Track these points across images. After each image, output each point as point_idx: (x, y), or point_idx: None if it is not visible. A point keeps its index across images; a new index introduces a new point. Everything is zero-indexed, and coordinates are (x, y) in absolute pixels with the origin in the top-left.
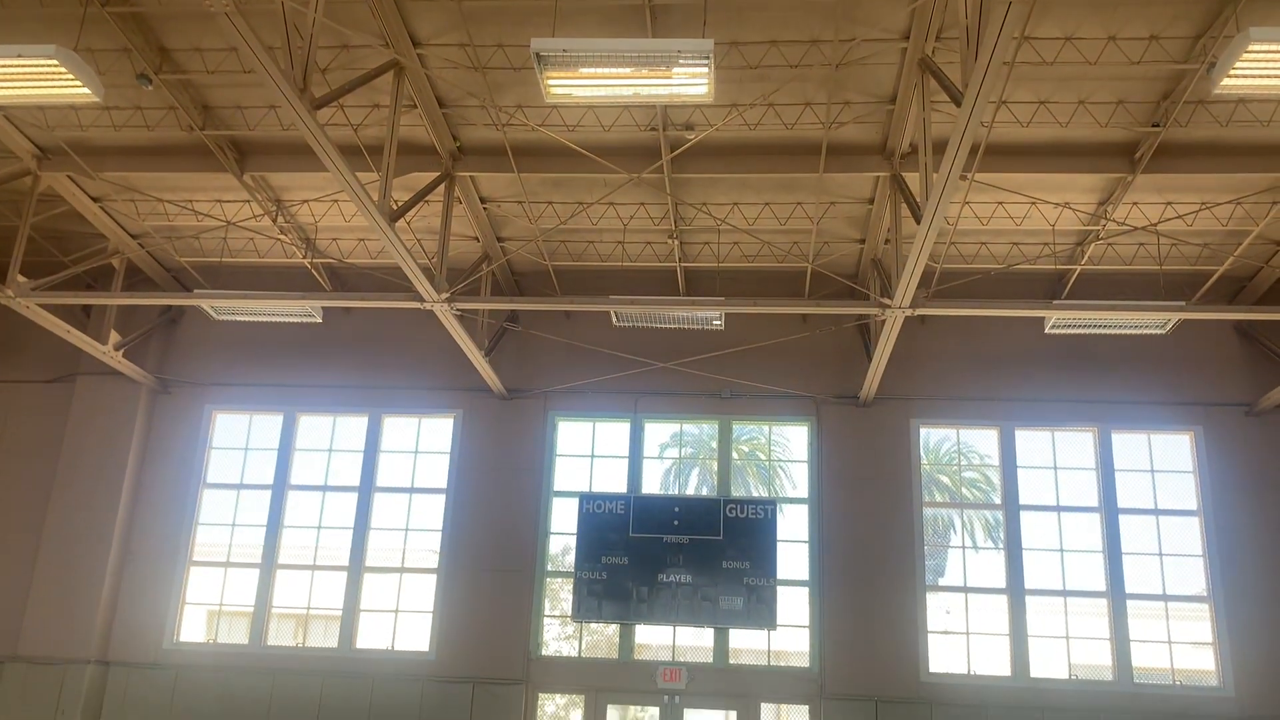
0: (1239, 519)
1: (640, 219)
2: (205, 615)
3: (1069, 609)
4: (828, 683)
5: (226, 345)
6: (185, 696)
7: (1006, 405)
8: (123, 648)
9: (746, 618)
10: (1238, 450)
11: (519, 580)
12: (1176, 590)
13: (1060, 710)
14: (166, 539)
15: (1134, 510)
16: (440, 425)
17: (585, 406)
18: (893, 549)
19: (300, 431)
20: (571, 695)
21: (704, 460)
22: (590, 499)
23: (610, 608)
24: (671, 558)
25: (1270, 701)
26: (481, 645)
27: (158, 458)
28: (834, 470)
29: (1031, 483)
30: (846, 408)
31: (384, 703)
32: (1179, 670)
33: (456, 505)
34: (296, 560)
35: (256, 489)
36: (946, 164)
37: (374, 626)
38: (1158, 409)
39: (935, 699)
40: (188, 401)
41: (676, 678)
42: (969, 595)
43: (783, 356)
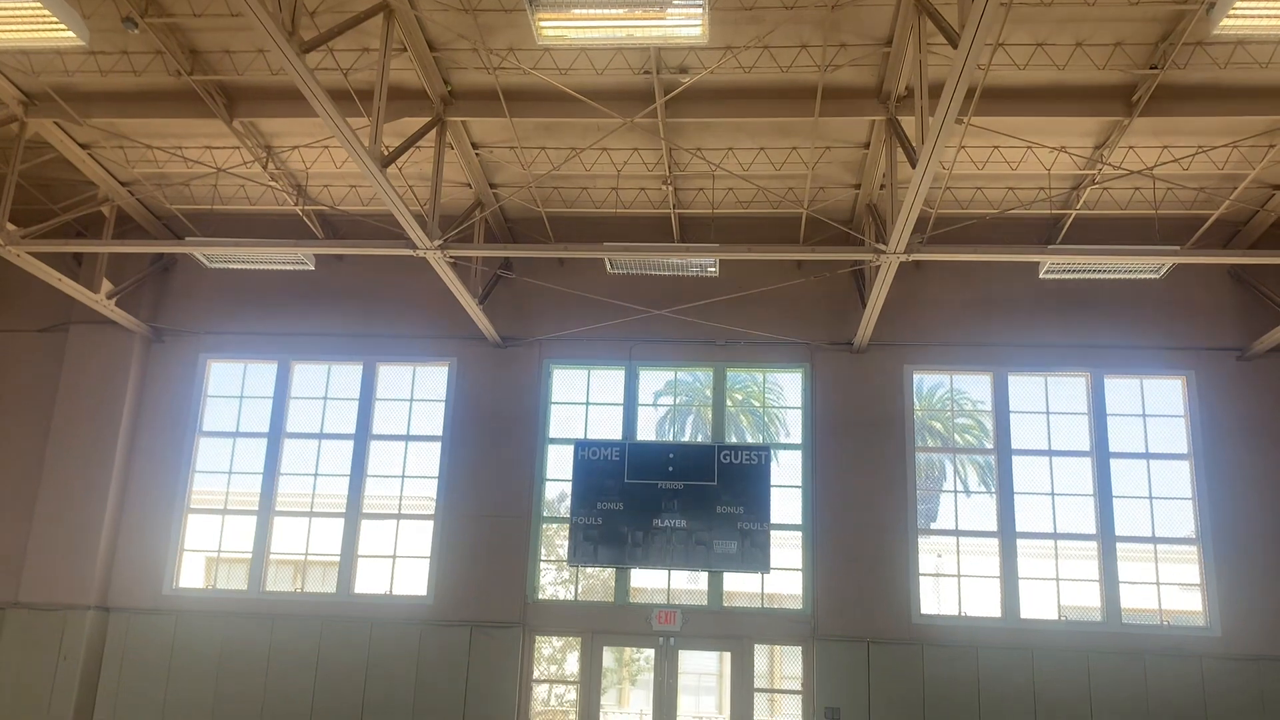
0: (1229, 463)
1: (634, 164)
2: (204, 562)
3: (1059, 552)
4: (820, 624)
5: (220, 293)
6: (186, 641)
7: (1000, 350)
8: (123, 594)
9: (740, 562)
10: (1229, 395)
11: (515, 526)
12: (1166, 533)
13: (1049, 650)
14: (164, 487)
15: (1125, 454)
16: (435, 373)
17: (580, 354)
18: (885, 493)
19: (295, 380)
20: (568, 638)
21: (698, 407)
22: (585, 446)
23: (606, 552)
24: (666, 503)
25: (1255, 640)
26: (479, 590)
27: (153, 406)
28: (828, 416)
29: (1024, 427)
30: (840, 354)
31: (383, 646)
32: (1167, 611)
33: (452, 452)
34: (294, 507)
35: (252, 437)
36: (942, 107)
37: (372, 572)
38: (1150, 354)
39: (926, 640)
40: (182, 350)
41: (671, 620)
42: (960, 538)
43: (777, 303)
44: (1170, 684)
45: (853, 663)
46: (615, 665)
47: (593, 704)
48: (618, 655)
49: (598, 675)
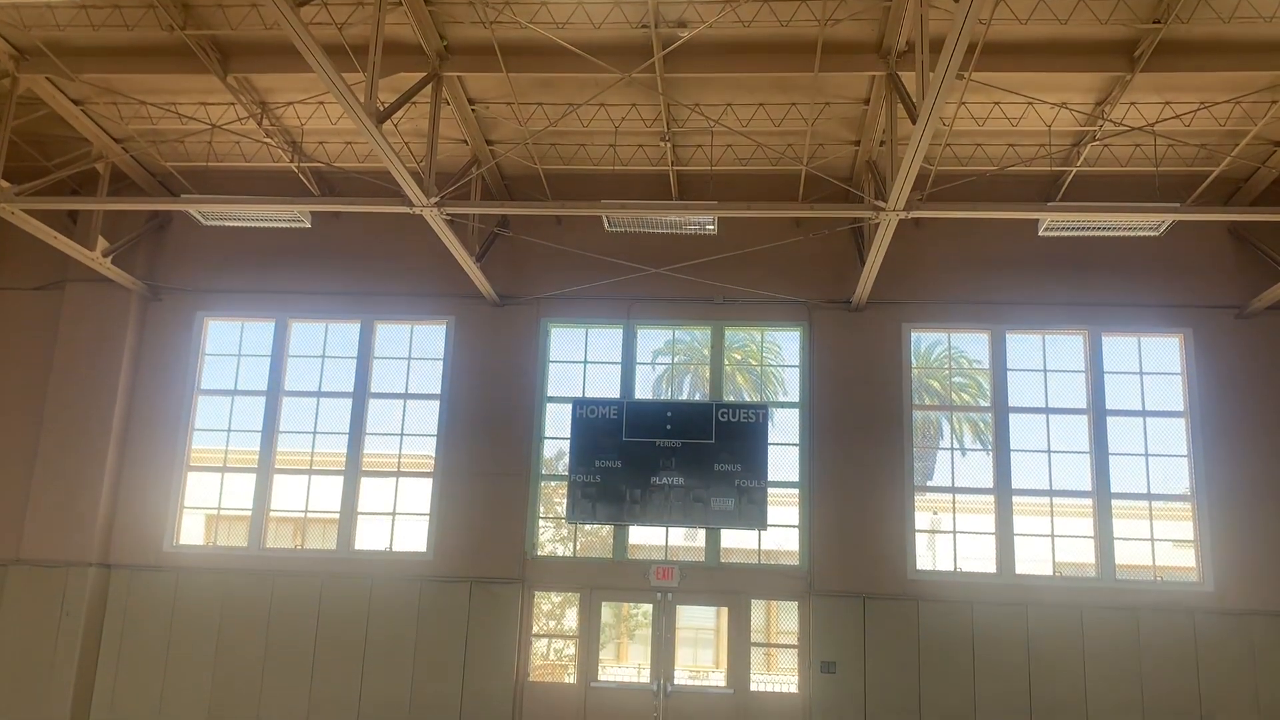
0: (1225, 420)
1: (632, 121)
2: (204, 519)
3: (1055, 509)
4: (816, 580)
5: (216, 251)
6: (187, 597)
7: (998, 309)
8: (124, 551)
9: (738, 518)
10: (1227, 352)
11: (514, 484)
12: (1161, 490)
13: (1043, 605)
14: (163, 445)
15: (1122, 412)
16: (433, 332)
17: (578, 313)
18: (882, 451)
19: (293, 338)
20: (567, 593)
21: (696, 366)
22: (584, 404)
23: (604, 509)
24: (664, 461)
25: (1247, 595)
26: (478, 546)
27: (151, 364)
28: (825, 374)
29: (1021, 385)
30: (839, 312)
31: (383, 600)
32: (1160, 567)
33: (451, 411)
34: (293, 465)
35: (251, 395)
36: (943, 62)
37: (372, 529)
38: (1148, 311)
39: (921, 595)
40: (179, 308)
41: (669, 576)
42: (956, 495)
43: (776, 262)
44: (1162, 638)
45: (848, 618)
46: (614, 620)
47: (591, 658)
48: (616, 610)
49: (596, 630)
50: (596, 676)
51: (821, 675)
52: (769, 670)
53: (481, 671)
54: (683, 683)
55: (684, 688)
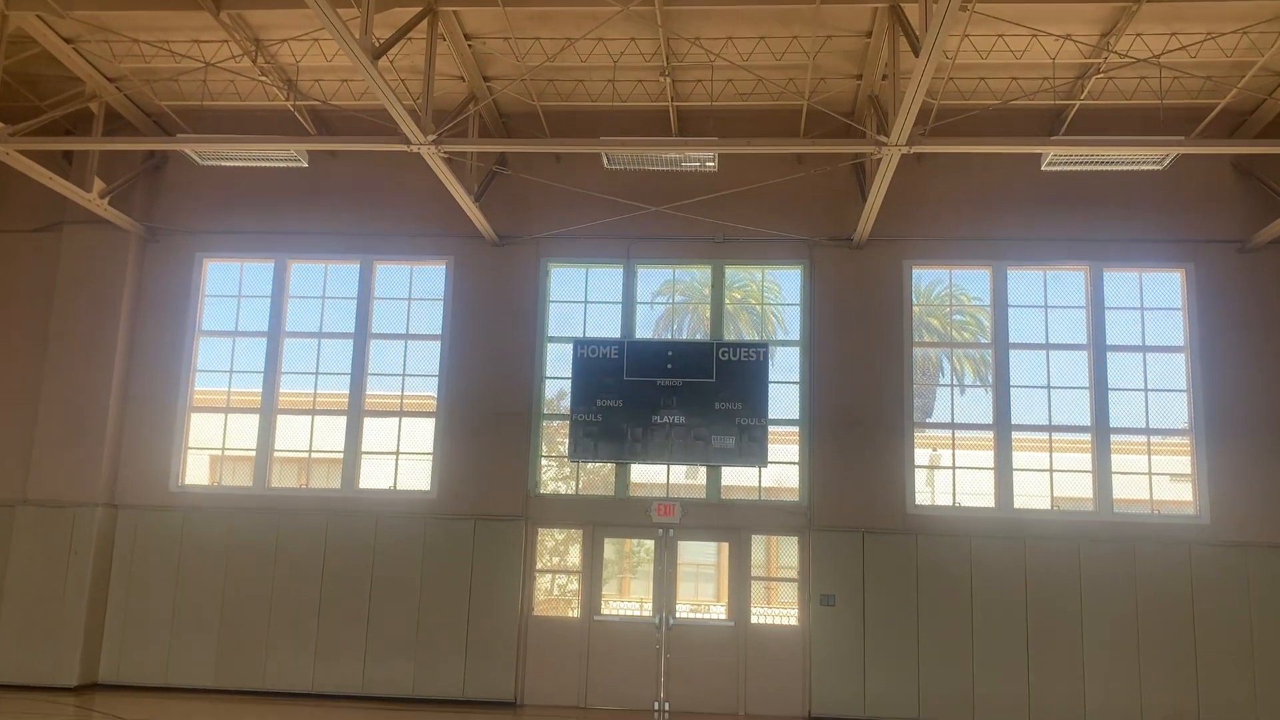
0: (1225, 355)
1: (631, 55)
2: (208, 460)
3: (1053, 444)
4: (816, 516)
5: (213, 192)
6: (194, 536)
7: (1000, 245)
8: (130, 491)
9: (738, 456)
10: (1228, 287)
11: (516, 423)
12: (1160, 425)
13: (1041, 539)
14: (165, 386)
15: (1122, 347)
16: (433, 272)
17: (578, 252)
18: (882, 388)
19: (292, 279)
20: (570, 530)
21: (696, 306)
22: (584, 344)
23: (606, 448)
24: (665, 400)
25: (1243, 528)
26: (482, 484)
27: (151, 306)
28: (826, 312)
29: (1022, 322)
30: (840, 250)
31: (389, 538)
32: (1158, 501)
33: (452, 351)
34: (296, 406)
35: (251, 336)
36: None
37: (376, 469)
38: (1150, 246)
39: (920, 530)
40: (177, 249)
41: (670, 512)
42: (956, 432)
43: (777, 199)
44: (1159, 570)
45: (848, 552)
46: (616, 556)
47: (594, 593)
48: (618, 547)
49: (599, 565)
50: (600, 611)
51: (821, 608)
52: (769, 604)
53: (486, 606)
54: (684, 616)
55: (686, 621)
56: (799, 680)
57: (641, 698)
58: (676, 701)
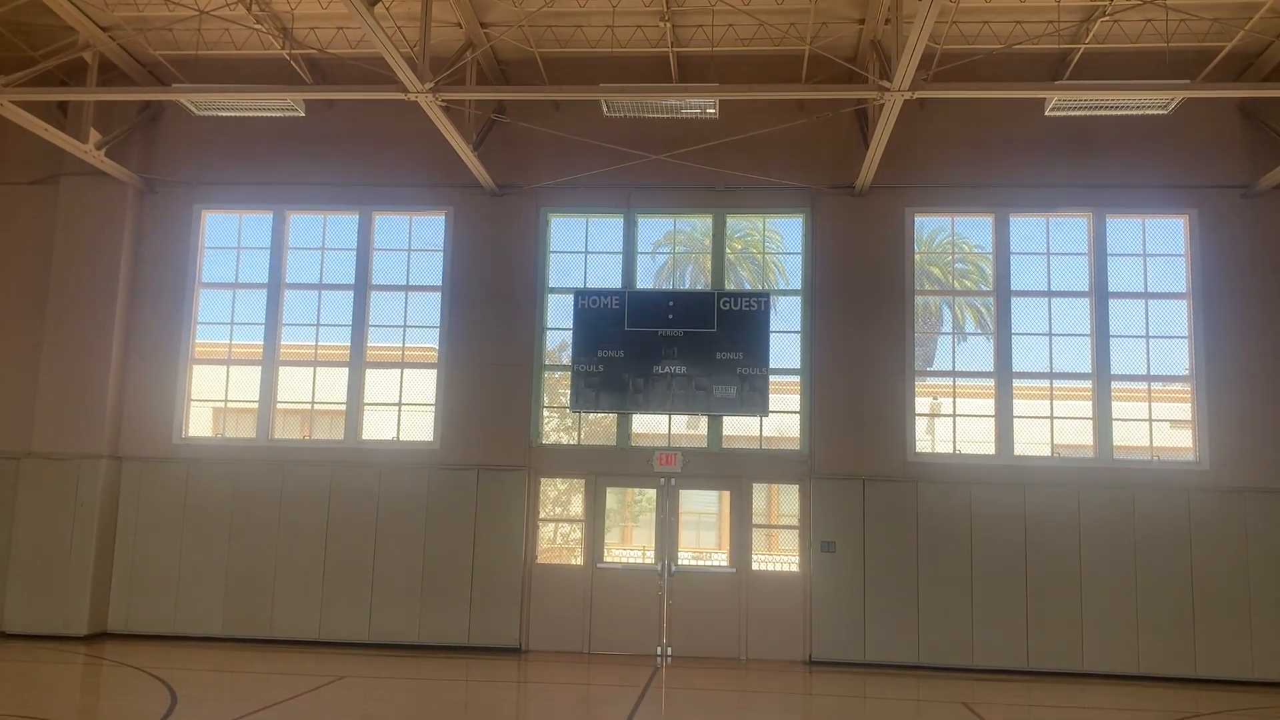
0: (1227, 301)
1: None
2: (211, 412)
3: (1054, 392)
4: (817, 464)
5: (211, 142)
6: (198, 487)
7: (1003, 191)
8: (133, 443)
9: (739, 405)
10: (1232, 233)
11: (518, 374)
12: (1161, 371)
13: (1041, 485)
14: (166, 338)
15: (1124, 294)
16: (432, 223)
17: (577, 202)
18: (883, 337)
19: (291, 230)
20: (572, 480)
21: (697, 256)
22: (585, 295)
23: (607, 399)
24: (666, 350)
25: (1241, 473)
26: (484, 435)
27: (150, 258)
28: (828, 261)
29: (1024, 269)
30: (842, 197)
31: (393, 488)
32: (1158, 448)
33: (452, 302)
34: (297, 358)
35: (251, 288)
36: None
37: (379, 420)
38: (1154, 192)
39: (920, 477)
40: (175, 201)
41: (672, 461)
42: (957, 380)
43: (778, 147)
44: (1158, 516)
45: (848, 499)
46: (618, 506)
47: (597, 541)
48: (620, 496)
49: (602, 514)
50: (603, 559)
51: (821, 554)
52: (770, 551)
53: (490, 555)
54: (686, 563)
55: (688, 568)
56: (800, 626)
57: (644, 643)
58: (679, 647)
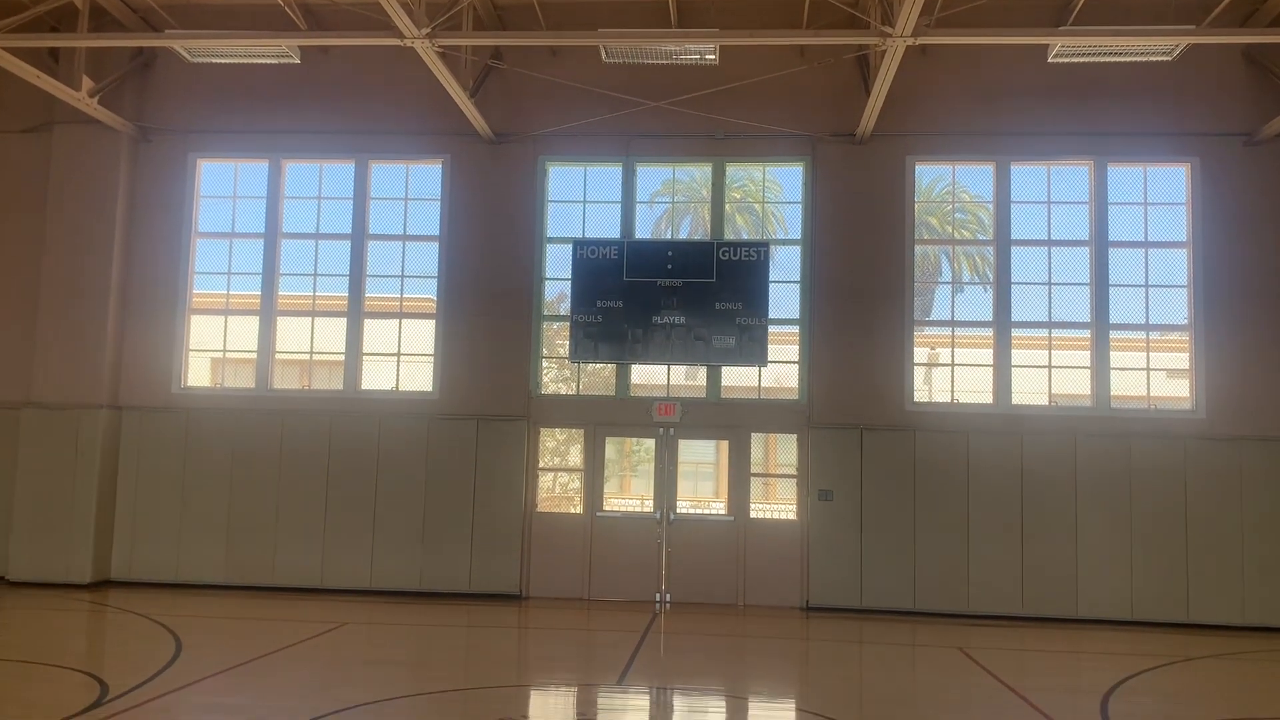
0: (1228, 250)
1: None
2: (209, 362)
3: (1053, 342)
4: (815, 413)
5: (205, 90)
6: (198, 437)
7: (1004, 140)
8: (132, 393)
9: (738, 355)
10: (1234, 181)
11: (517, 324)
12: (1160, 320)
13: (1038, 434)
14: (164, 288)
15: (1124, 243)
16: (428, 172)
17: (576, 150)
18: (882, 286)
19: (287, 180)
20: (571, 430)
21: (696, 205)
22: (584, 245)
23: (606, 349)
24: (665, 300)
25: (1236, 421)
26: (483, 385)
27: (146, 207)
28: (827, 210)
29: (1024, 218)
30: (842, 146)
31: (392, 438)
32: (1155, 397)
33: (450, 252)
34: (295, 308)
35: (248, 238)
36: None
37: (378, 370)
38: (1156, 140)
39: (918, 426)
40: (170, 149)
41: (671, 412)
42: (956, 330)
43: (778, 95)
44: (1154, 464)
45: (846, 448)
46: (617, 456)
47: (596, 490)
48: (619, 446)
49: (601, 464)
50: (602, 507)
51: (819, 503)
52: (768, 500)
53: (490, 503)
54: (685, 511)
55: (686, 516)
56: (797, 572)
57: (643, 590)
58: (677, 593)
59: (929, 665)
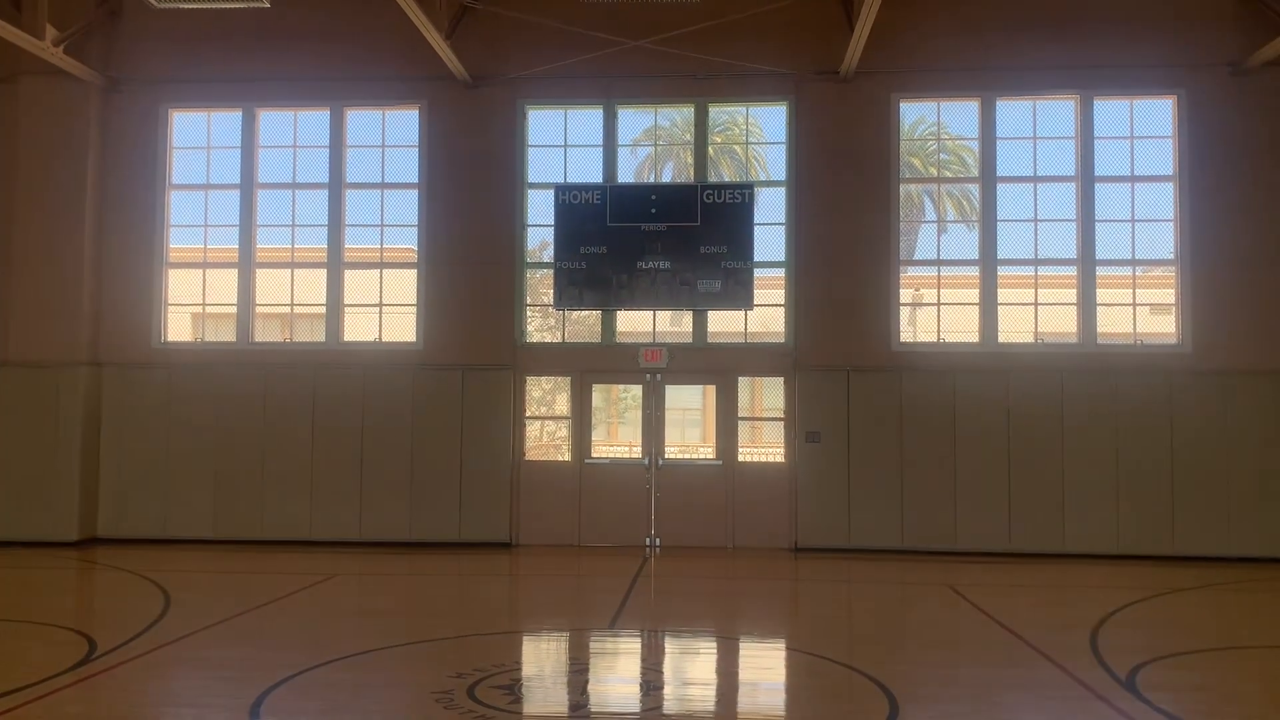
0: (1214, 182)
1: None
2: (190, 317)
3: (1039, 280)
4: (801, 356)
5: (176, 38)
6: (181, 392)
7: (990, 74)
8: (112, 349)
9: (724, 299)
10: (1221, 112)
11: (500, 272)
12: (1146, 255)
13: (1024, 372)
14: (140, 241)
15: (1111, 178)
16: (405, 118)
17: (555, 93)
18: (868, 226)
19: (262, 129)
20: (557, 378)
21: (678, 148)
22: (566, 189)
23: (591, 295)
24: (650, 245)
25: (1223, 356)
26: (467, 335)
27: (118, 160)
28: (812, 150)
29: (1009, 156)
30: (826, 84)
31: (377, 390)
32: (1141, 334)
33: (430, 200)
34: (274, 260)
35: (224, 189)
36: None
37: (360, 321)
38: (1142, 72)
39: (905, 366)
40: (141, 100)
41: (657, 357)
42: (941, 269)
43: (761, 33)
44: (1139, 399)
45: (833, 390)
46: (603, 404)
47: (584, 438)
48: (605, 394)
49: (588, 412)
50: (590, 454)
51: (807, 445)
52: (756, 444)
53: (478, 453)
54: (674, 457)
55: (675, 461)
56: (786, 514)
57: (633, 535)
58: (667, 537)
59: (920, 603)
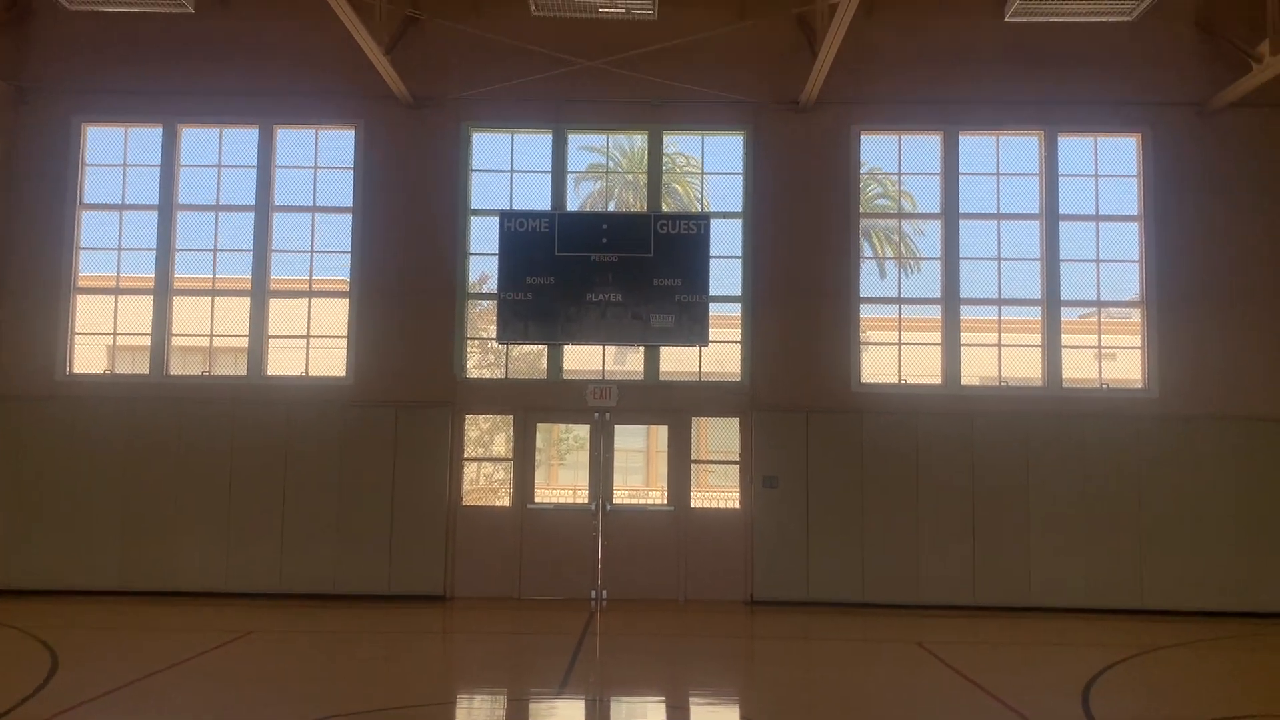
0: (1180, 222)
1: None
2: (103, 348)
3: (1003, 322)
4: (759, 396)
5: (91, 45)
6: (87, 428)
7: (953, 107)
8: (11, 381)
9: (678, 335)
10: (1185, 151)
11: (439, 303)
12: (1111, 296)
13: (989, 415)
14: (46, 265)
15: (1075, 216)
16: (340, 138)
17: (502, 116)
18: (827, 262)
19: (184, 146)
20: (497, 417)
21: (633, 174)
22: (511, 217)
23: (537, 329)
24: (600, 277)
25: (1190, 399)
26: (403, 369)
27: (24, 175)
28: (770, 182)
29: (972, 192)
30: (785, 113)
31: (303, 427)
32: (1107, 378)
33: (364, 225)
34: (193, 287)
35: (141, 209)
36: None
37: (285, 355)
38: (1107, 109)
39: (865, 408)
40: (51, 111)
41: (606, 396)
42: (903, 307)
43: (718, 58)
44: (1106, 445)
45: (791, 432)
46: (544, 445)
47: (527, 481)
48: (546, 434)
49: (531, 452)
50: (533, 499)
51: (764, 490)
52: (709, 488)
53: (411, 497)
54: (623, 502)
55: (623, 507)
56: (741, 564)
57: (578, 587)
58: (614, 589)
59: (888, 662)
